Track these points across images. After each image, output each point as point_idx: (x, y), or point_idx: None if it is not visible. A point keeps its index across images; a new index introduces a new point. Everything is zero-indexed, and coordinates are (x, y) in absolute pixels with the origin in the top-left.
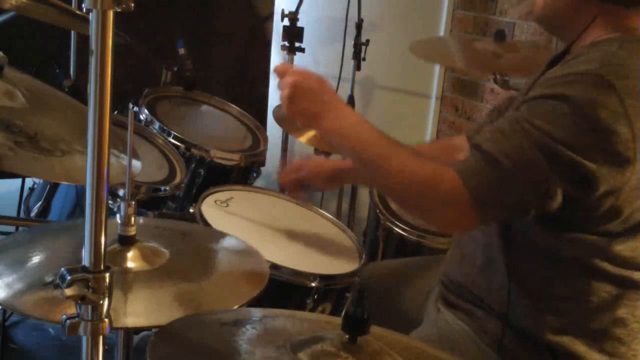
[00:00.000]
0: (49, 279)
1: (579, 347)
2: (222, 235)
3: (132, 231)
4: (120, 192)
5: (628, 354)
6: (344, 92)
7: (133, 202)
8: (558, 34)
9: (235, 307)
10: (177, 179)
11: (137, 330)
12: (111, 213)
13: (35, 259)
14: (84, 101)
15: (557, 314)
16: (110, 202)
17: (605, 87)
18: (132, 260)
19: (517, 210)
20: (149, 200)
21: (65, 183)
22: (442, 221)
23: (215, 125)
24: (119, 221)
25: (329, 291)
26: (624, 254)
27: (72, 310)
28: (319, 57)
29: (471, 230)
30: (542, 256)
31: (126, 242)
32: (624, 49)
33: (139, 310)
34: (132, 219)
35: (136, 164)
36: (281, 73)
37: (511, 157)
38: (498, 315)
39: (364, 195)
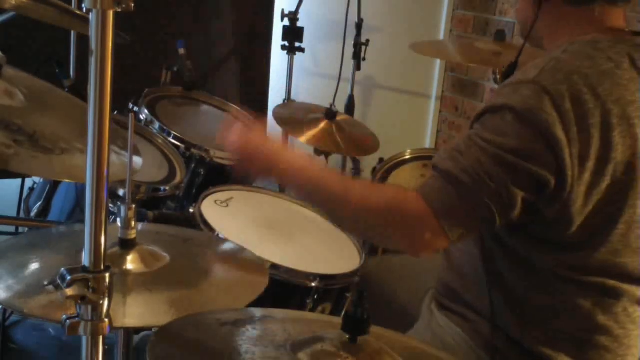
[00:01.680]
0: (48, 280)
1: (562, 358)
2: (222, 241)
3: (133, 234)
4: (120, 192)
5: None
6: (344, 92)
7: (133, 206)
8: (537, 45)
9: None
10: (177, 179)
11: (137, 330)
12: (111, 214)
13: (36, 263)
14: (85, 98)
15: (539, 323)
16: (110, 205)
17: (541, 93)
18: (132, 264)
19: (483, 223)
20: (149, 200)
21: (65, 181)
22: (412, 244)
23: (215, 125)
24: (119, 225)
25: (329, 291)
26: (595, 264)
27: (72, 310)
28: (319, 57)
29: (442, 250)
30: (519, 267)
31: (126, 245)
32: (568, 53)
33: (139, 314)
34: (133, 222)
35: (137, 159)
36: (224, 141)
37: (469, 172)
38: (488, 318)
39: None
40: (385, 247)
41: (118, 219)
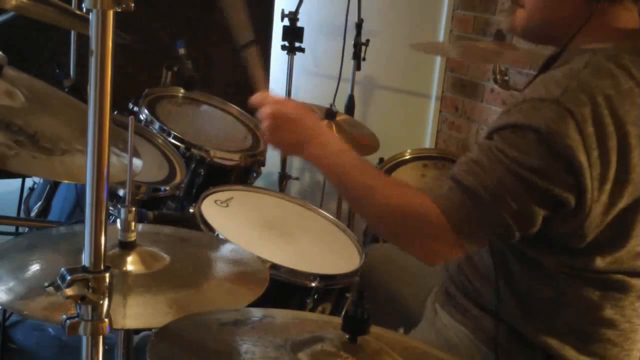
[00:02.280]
0: (49, 282)
1: (568, 352)
2: (222, 242)
3: (132, 237)
4: (120, 192)
5: (621, 354)
6: (344, 92)
7: (133, 208)
8: (548, 43)
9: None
10: (177, 179)
11: (137, 330)
12: (111, 217)
13: (36, 265)
14: (84, 101)
15: (545, 315)
16: (110, 207)
17: (565, 116)
18: (132, 265)
19: (501, 238)
20: (149, 200)
21: (65, 182)
22: (428, 254)
23: (215, 125)
24: (119, 227)
25: (329, 291)
26: (600, 265)
27: (72, 310)
28: (319, 57)
29: (474, 263)
30: (526, 262)
31: (126, 247)
32: (590, 68)
33: (139, 314)
34: (132, 224)
35: (137, 162)
36: (259, 104)
37: (490, 190)
38: (492, 313)
39: None
40: (400, 248)
41: (118, 220)
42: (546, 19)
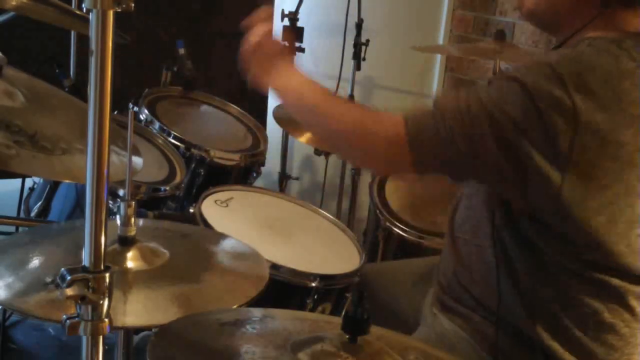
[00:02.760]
0: (49, 279)
1: (569, 356)
2: (222, 236)
3: (132, 232)
4: (120, 192)
5: (622, 359)
6: (344, 92)
7: (133, 203)
8: (551, 32)
9: (235, 306)
10: (177, 179)
11: (137, 330)
12: (111, 213)
13: (36, 260)
14: (85, 100)
15: (547, 318)
16: (110, 202)
17: (554, 78)
18: (132, 261)
19: (451, 171)
20: (149, 200)
21: (65, 181)
22: (377, 158)
23: (215, 125)
24: (118, 222)
25: (329, 291)
26: (600, 260)
27: (72, 310)
28: (319, 57)
29: (406, 175)
30: (529, 258)
31: (126, 242)
32: (592, 47)
33: (139, 310)
34: (132, 219)
35: (137, 160)
36: (251, 24)
37: (455, 114)
38: (493, 319)
39: (364, 195)
40: (353, 163)
41: (117, 216)
42: (551, 7)
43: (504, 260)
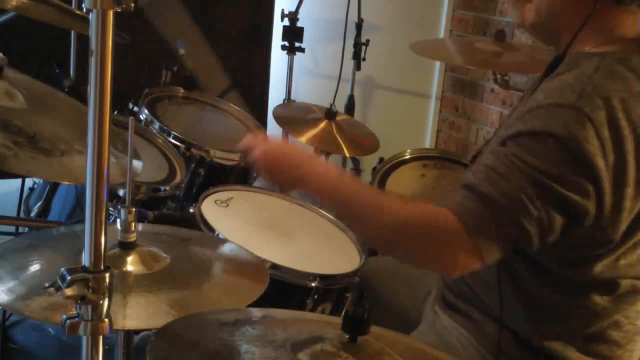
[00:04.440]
0: (47, 284)
1: (573, 353)
2: (222, 241)
3: (133, 237)
4: (121, 192)
5: (624, 355)
6: (344, 92)
7: (133, 209)
8: (552, 42)
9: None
10: (177, 179)
11: (137, 330)
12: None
13: (36, 264)
14: (84, 101)
15: (553, 321)
16: (110, 208)
17: (583, 120)
18: (132, 265)
19: (519, 245)
20: (149, 200)
21: (64, 183)
22: (445, 263)
23: (215, 125)
24: (119, 227)
25: (329, 291)
26: (606, 274)
27: (72, 310)
28: (319, 57)
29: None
30: (535, 267)
31: (126, 247)
32: (601, 71)
33: (139, 314)
34: (133, 225)
35: (137, 164)
36: (250, 147)
37: (508, 196)
38: (495, 318)
39: None
40: (417, 266)
41: (118, 220)
42: (551, 15)
43: (504, 264)
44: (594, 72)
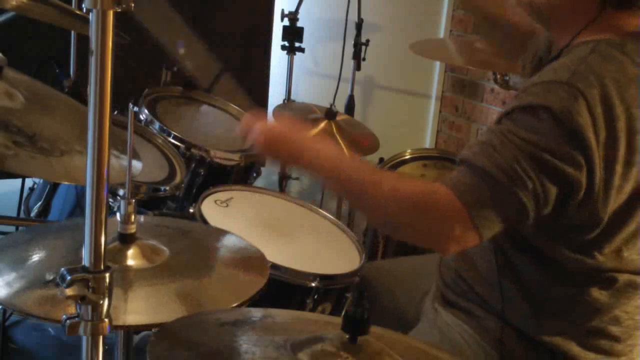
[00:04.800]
0: (49, 277)
1: (573, 348)
2: (222, 233)
3: (132, 229)
4: (121, 192)
5: (625, 350)
6: (344, 92)
7: (133, 200)
8: (549, 27)
9: (236, 304)
10: (177, 179)
11: (137, 330)
12: (111, 212)
13: (35, 258)
14: (84, 101)
15: (553, 315)
16: (110, 200)
17: (577, 95)
18: (132, 258)
19: (515, 220)
20: (149, 200)
21: (64, 183)
22: (441, 238)
23: (215, 125)
24: (118, 219)
25: (329, 291)
26: (608, 264)
27: (72, 310)
28: (319, 57)
29: (474, 247)
30: (532, 258)
31: (126, 240)
32: (596, 54)
33: (140, 308)
34: (132, 216)
35: (137, 164)
36: (249, 125)
37: (505, 169)
38: (496, 313)
39: None
40: (412, 242)
41: (117, 214)
42: (557, 8)
43: (505, 260)
44: (588, 54)
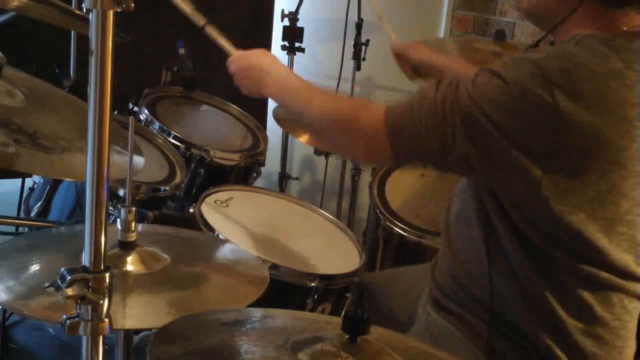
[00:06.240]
0: (47, 284)
1: (563, 351)
2: (222, 242)
3: (133, 237)
4: (120, 192)
5: (613, 351)
6: (344, 92)
7: (133, 208)
8: (545, 28)
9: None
10: (177, 179)
11: (137, 330)
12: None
13: (36, 264)
14: (85, 98)
15: (538, 310)
16: (110, 208)
17: (538, 76)
18: (132, 265)
19: (427, 162)
20: (149, 200)
21: (65, 181)
22: (358, 151)
23: (215, 125)
24: (119, 227)
25: (329, 291)
26: (592, 264)
27: (72, 310)
28: (319, 57)
29: (387, 165)
30: (520, 249)
31: (126, 247)
32: (581, 46)
33: (139, 315)
34: (133, 224)
35: (139, 159)
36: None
37: (432, 105)
38: (486, 311)
39: (364, 195)
40: (336, 152)
41: (118, 220)
42: (542, 4)
43: (496, 251)
44: (573, 45)
